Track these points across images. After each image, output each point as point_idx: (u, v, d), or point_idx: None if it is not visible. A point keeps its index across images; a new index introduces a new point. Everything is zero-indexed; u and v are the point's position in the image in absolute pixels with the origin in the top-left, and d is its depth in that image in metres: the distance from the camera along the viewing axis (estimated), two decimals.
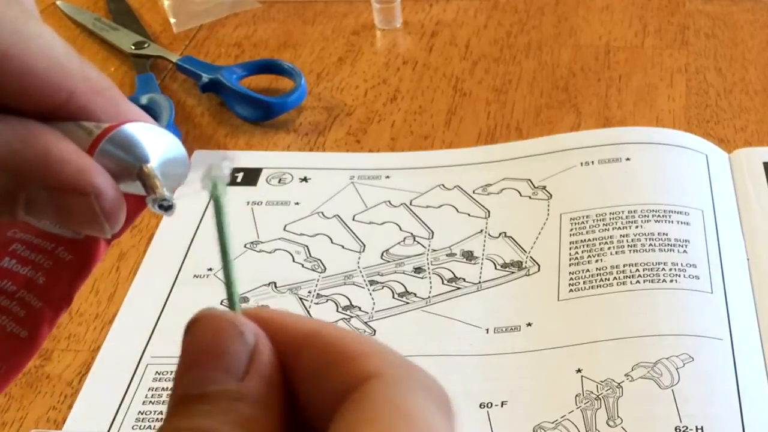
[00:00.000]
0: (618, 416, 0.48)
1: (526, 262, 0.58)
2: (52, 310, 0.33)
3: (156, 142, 0.31)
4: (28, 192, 0.29)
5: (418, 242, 0.60)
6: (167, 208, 0.31)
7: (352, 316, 0.55)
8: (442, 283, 0.57)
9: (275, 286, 0.57)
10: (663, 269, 0.55)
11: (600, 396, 0.49)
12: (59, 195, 0.29)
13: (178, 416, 0.24)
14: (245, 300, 0.56)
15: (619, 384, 0.50)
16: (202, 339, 0.25)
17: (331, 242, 0.60)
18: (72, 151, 0.29)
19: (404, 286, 0.57)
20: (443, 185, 0.64)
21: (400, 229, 0.61)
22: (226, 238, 0.26)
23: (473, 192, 0.63)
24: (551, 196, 0.62)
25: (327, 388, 0.24)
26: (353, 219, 0.62)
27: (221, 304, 0.27)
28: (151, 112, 0.70)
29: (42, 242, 0.33)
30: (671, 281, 0.55)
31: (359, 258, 0.59)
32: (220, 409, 0.24)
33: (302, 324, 0.25)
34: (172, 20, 0.82)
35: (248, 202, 0.64)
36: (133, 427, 0.50)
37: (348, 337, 0.24)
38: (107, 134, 0.30)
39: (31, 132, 0.29)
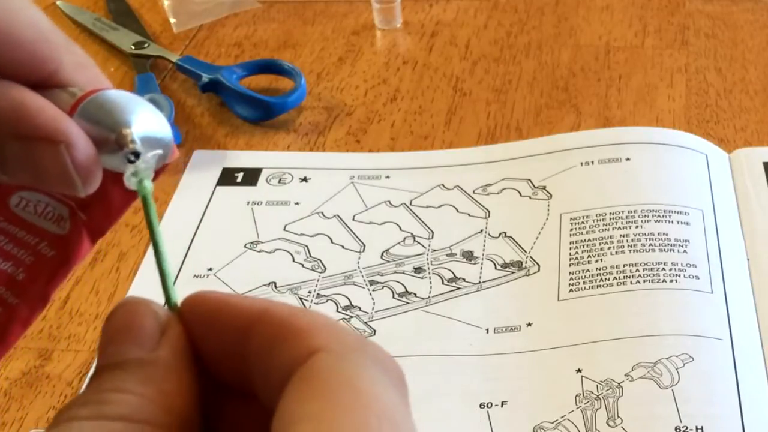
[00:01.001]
0: (618, 416, 0.48)
1: (526, 262, 0.58)
2: (28, 308, 0.33)
3: (140, 114, 0.30)
4: (2, 145, 0.29)
5: (418, 242, 0.60)
6: (136, 155, 0.29)
7: (352, 316, 0.55)
8: (442, 283, 0.57)
9: (275, 286, 0.57)
10: (663, 269, 0.55)
11: (600, 396, 0.49)
12: (31, 146, 0.29)
13: (92, 385, 0.25)
14: None
15: (619, 384, 0.50)
16: (118, 319, 0.27)
17: (331, 242, 0.60)
18: (46, 104, 0.30)
19: (404, 286, 0.57)
20: (443, 185, 0.64)
21: (400, 229, 0.61)
22: (156, 229, 0.28)
23: (473, 192, 0.63)
24: (551, 196, 0.62)
25: (275, 364, 0.24)
26: (353, 219, 0.62)
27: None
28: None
29: (25, 236, 0.32)
30: (671, 281, 0.55)
31: (359, 258, 0.59)
32: (130, 371, 0.25)
33: (251, 304, 0.26)
34: (172, 20, 0.82)
35: (248, 202, 0.64)
36: None
37: (296, 314, 0.25)
38: (89, 96, 0.30)
39: (7, 86, 0.29)
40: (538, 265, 0.57)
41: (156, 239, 0.28)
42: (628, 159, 0.63)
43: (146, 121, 0.30)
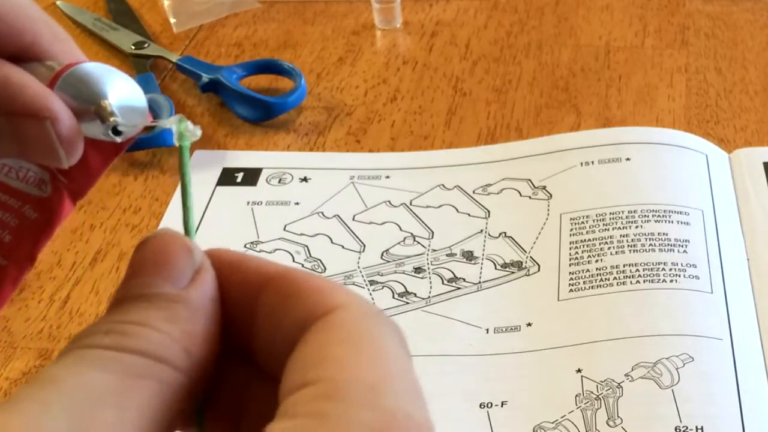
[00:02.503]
0: (618, 416, 0.48)
1: (526, 262, 0.58)
2: (17, 268, 0.34)
3: (116, 84, 0.32)
4: None
5: (418, 242, 0.60)
6: (119, 132, 0.32)
7: None
8: (442, 283, 0.57)
9: None
10: (663, 269, 0.55)
11: (600, 396, 0.49)
12: (17, 121, 0.30)
13: (114, 314, 0.25)
14: None
15: (619, 384, 0.50)
16: (150, 251, 0.26)
17: (331, 242, 0.60)
18: (30, 79, 0.31)
19: (404, 286, 0.57)
20: (443, 185, 0.64)
21: (400, 229, 0.61)
22: (188, 178, 0.29)
23: (473, 192, 0.63)
24: (551, 196, 0.62)
25: (290, 319, 0.25)
26: (353, 219, 0.62)
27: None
28: (151, 112, 0.70)
29: (9, 200, 0.34)
30: (671, 281, 0.55)
31: (359, 258, 0.59)
32: (157, 306, 0.25)
33: (267, 265, 0.26)
34: (172, 20, 0.82)
35: (248, 202, 0.64)
36: None
37: (311, 275, 0.26)
38: (68, 69, 0.31)
39: None
40: (538, 265, 0.58)
41: (186, 186, 0.28)
42: (628, 159, 0.63)
43: (122, 90, 0.32)
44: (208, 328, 0.25)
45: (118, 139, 0.32)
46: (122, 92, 0.32)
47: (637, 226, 0.58)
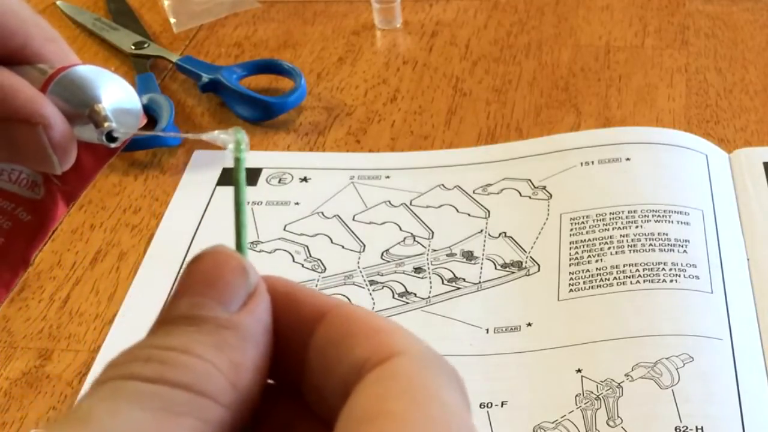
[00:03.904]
0: (618, 416, 0.48)
1: (526, 262, 0.58)
2: (10, 271, 0.34)
3: (109, 87, 0.31)
4: None
5: (418, 242, 0.60)
6: (114, 138, 0.31)
7: None
8: (442, 283, 0.57)
9: None
10: (663, 269, 0.55)
11: (600, 396, 0.49)
12: (9, 126, 0.30)
13: (157, 334, 0.23)
14: None
15: (619, 384, 0.50)
16: (203, 268, 0.24)
17: (331, 242, 0.60)
18: (23, 84, 0.30)
19: (404, 286, 0.57)
20: (443, 185, 0.64)
21: (400, 229, 0.61)
22: (242, 193, 0.26)
23: (473, 192, 0.63)
24: (551, 196, 0.62)
25: (345, 361, 0.23)
26: (353, 219, 0.62)
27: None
28: (151, 112, 0.70)
29: (1, 202, 0.34)
30: (671, 281, 0.55)
31: (359, 258, 0.59)
32: (204, 331, 0.23)
33: (322, 298, 0.25)
34: (172, 20, 0.82)
35: (248, 202, 0.64)
36: None
37: (369, 313, 0.24)
38: (60, 73, 0.31)
39: None
40: (538, 265, 0.57)
41: (241, 202, 0.26)
42: (628, 159, 0.63)
43: (115, 93, 0.31)
44: (258, 360, 0.23)
45: (113, 145, 0.31)
46: (115, 95, 0.31)
47: (637, 226, 0.58)
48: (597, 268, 0.56)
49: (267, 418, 0.25)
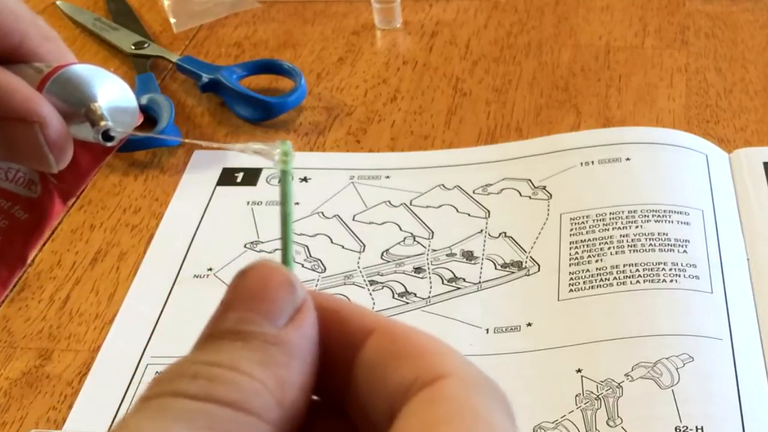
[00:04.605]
0: (618, 416, 0.48)
1: (526, 262, 0.58)
2: (8, 269, 0.34)
3: (105, 86, 0.31)
4: None
5: (418, 242, 0.60)
6: (110, 137, 0.31)
7: None
8: (442, 283, 0.57)
9: None
10: (663, 269, 0.55)
11: (600, 396, 0.49)
12: (6, 125, 0.30)
13: (204, 350, 0.23)
14: None
15: (619, 384, 0.50)
16: (250, 283, 0.24)
17: (331, 242, 0.60)
18: (19, 83, 0.30)
19: (404, 286, 0.57)
20: (443, 185, 0.64)
21: (400, 229, 0.61)
22: (289, 205, 0.26)
23: (473, 192, 0.63)
24: (551, 196, 0.62)
25: (393, 380, 0.23)
26: (353, 219, 0.62)
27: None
28: (151, 112, 0.70)
29: None
30: (671, 281, 0.55)
31: (359, 258, 0.59)
32: (251, 347, 0.23)
33: (369, 315, 0.24)
34: (172, 20, 0.82)
35: (248, 202, 0.64)
36: None
37: (417, 332, 0.24)
38: (57, 72, 0.31)
39: None
40: (538, 265, 0.57)
41: (287, 215, 0.26)
42: (628, 159, 0.63)
43: (112, 92, 0.31)
44: (304, 376, 0.23)
45: (109, 144, 0.31)
46: (112, 94, 0.31)
47: (637, 226, 0.58)
48: (597, 268, 0.56)
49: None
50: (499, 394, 0.23)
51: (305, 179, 0.65)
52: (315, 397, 0.24)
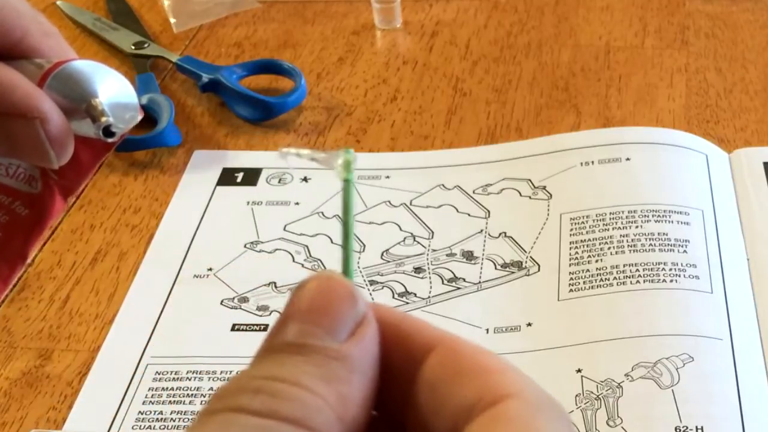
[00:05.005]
0: (618, 416, 0.48)
1: (526, 262, 0.58)
2: (8, 266, 0.34)
3: (106, 82, 0.31)
4: None
5: (418, 242, 0.60)
6: (111, 133, 0.31)
7: None
8: (442, 283, 0.57)
9: (275, 286, 0.57)
10: (663, 269, 0.55)
11: (600, 396, 0.49)
12: (7, 120, 0.30)
13: (264, 364, 0.23)
14: (245, 300, 0.56)
15: (619, 384, 0.50)
16: (312, 295, 0.24)
17: (331, 242, 0.60)
18: (20, 79, 0.30)
19: (404, 286, 0.57)
20: (443, 185, 0.64)
21: (400, 229, 0.61)
22: (351, 215, 0.26)
23: (473, 192, 0.63)
24: (551, 196, 0.62)
25: (456, 398, 0.23)
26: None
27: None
28: (151, 112, 0.70)
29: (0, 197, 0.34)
30: (671, 281, 0.55)
31: (359, 258, 0.59)
32: (313, 362, 0.22)
33: (431, 330, 0.24)
34: (172, 20, 0.82)
35: (248, 202, 0.64)
36: (133, 427, 0.50)
37: (480, 350, 0.24)
38: (57, 68, 0.31)
39: None
40: (538, 265, 0.57)
41: (349, 225, 0.26)
42: (628, 159, 0.63)
43: (112, 88, 0.31)
44: (365, 392, 0.23)
45: (111, 140, 0.31)
46: (112, 89, 0.31)
47: (637, 226, 0.58)
48: (597, 268, 0.56)
49: None
50: (561, 414, 0.23)
51: (305, 179, 0.65)
52: (375, 413, 0.24)
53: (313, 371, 0.22)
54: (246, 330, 0.55)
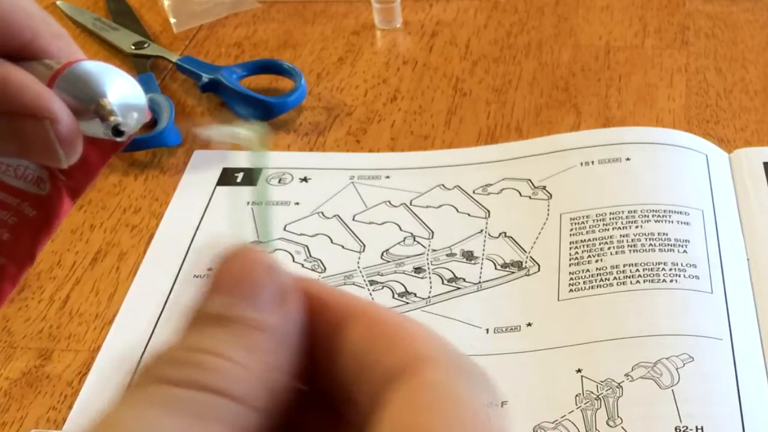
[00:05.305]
0: (618, 416, 0.48)
1: (526, 262, 0.58)
2: (16, 267, 0.34)
3: (115, 83, 0.32)
4: None
5: (418, 242, 0.60)
6: (120, 132, 0.31)
7: None
8: (442, 283, 0.57)
9: None
10: (663, 269, 0.55)
11: (600, 396, 0.49)
12: (17, 121, 0.30)
13: (189, 335, 0.23)
14: None
15: (619, 384, 0.50)
16: (235, 267, 0.24)
17: (331, 242, 0.60)
18: (30, 79, 0.30)
19: (404, 286, 0.57)
20: (443, 185, 0.64)
21: (400, 229, 0.61)
22: (265, 190, 0.26)
23: (473, 192, 0.63)
24: (551, 196, 0.62)
25: (375, 366, 0.23)
26: (353, 219, 0.62)
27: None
28: (151, 112, 0.70)
29: (7, 198, 0.34)
30: (671, 281, 0.55)
31: (359, 258, 0.59)
32: (236, 333, 0.23)
33: (353, 300, 0.24)
34: (172, 20, 0.82)
35: (248, 202, 0.64)
36: None
37: (401, 318, 0.24)
38: (66, 68, 0.31)
39: None
40: (538, 265, 0.57)
41: (262, 198, 0.26)
42: (628, 159, 0.63)
43: (121, 88, 0.32)
44: (288, 362, 0.23)
45: (119, 139, 0.32)
46: (121, 90, 0.32)
47: (637, 226, 0.58)
48: (597, 268, 0.56)
49: (299, 424, 0.24)
50: (480, 376, 0.23)
51: (305, 179, 0.65)
52: (303, 387, 0.24)
53: (236, 342, 0.22)
54: None
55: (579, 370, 0.51)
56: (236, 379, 0.22)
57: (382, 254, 0.59)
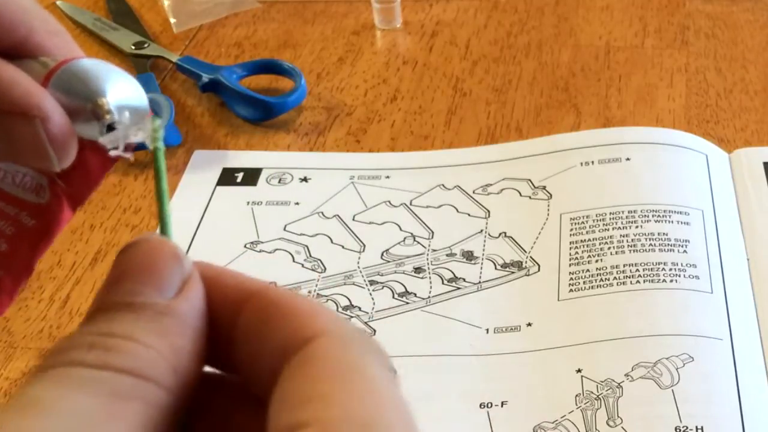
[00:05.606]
0: (618, 416, 0.48)
1: (526, 262, 0.58)
2: (13, 279, 0.33)
3: (114, 82, 0.30)
4: None
5: (418, 242, 0.60)
6: (112, 127, 0.29)
7: (352, 316, 0.55)
8: (442, 283, 0.57)
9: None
10: (663, 269, 0.55)
11: (600, 396, 0.49)
12: (6, 120, 0.29)
13: (96, 322, 0.23)
14: None
15: (619, 384, 0.50)
16: (138, 256, 0.25)
17: (331, 242, 0.60)
18: (21, 76, 0.29)
19: (404, 286, 0.57)
20: (443, 185, 0.64)
21: (400, 229, 0.61)
22: (164, 181, 0.27)
23: (473, 192, 0.63)
24: (551, 196, 0.62)
25: (270, 343, 0.23)
26: (353, 219, 0.62)
27: None
28: (152, 112, 0.70)
29: (5, 206, 0.32)
30: (671, 281, 0.55)
31: (359, 258, 0.59)
32: (145, 318, 0.23)
33: (247, 282, 0.25)
34: (172, 20, 0.82)
35: (248, 202, 0.64)
36: None
37: (292, 296, 0.24)
38: (63, 65, 0.30)
39: None
40: (538, 265, 0.57)
41: (161, 189, 0.26)
42: (628, 159, 0.63)
43: (121, 88, 0.30)
44: (196, 344, 0.24)
45: (115, 153, 0.29)
46: (121, 90, 0.30)
47: (637, 226, 0.58)
48: (597, 268, 0.56)
49: (208, 404, 0.25)
50: (373, 346, 0.24)
51: (305, 179, 0.65)
52: (215, 370, 0.25)
53: (145, 326, 0.23)
54: None
55: (579, 370, 0.51)
56: (149, 362, 0.23)
57: (382, 254, 0.59)
